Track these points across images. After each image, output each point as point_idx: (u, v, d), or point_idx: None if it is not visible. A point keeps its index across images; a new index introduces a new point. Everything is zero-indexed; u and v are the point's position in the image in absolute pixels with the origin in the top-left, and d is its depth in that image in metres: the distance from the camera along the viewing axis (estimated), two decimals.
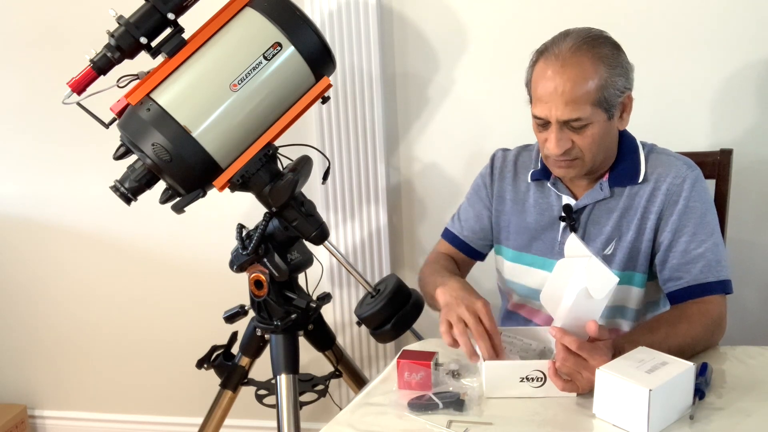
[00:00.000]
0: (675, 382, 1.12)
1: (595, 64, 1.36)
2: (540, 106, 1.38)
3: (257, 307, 1.74)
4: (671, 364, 1.15)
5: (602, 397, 1.16)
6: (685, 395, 1.16)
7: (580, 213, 1.50)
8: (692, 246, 1.41)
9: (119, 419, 2.58)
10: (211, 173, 1.56)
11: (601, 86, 1.36)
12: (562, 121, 1.37)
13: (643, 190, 1.46)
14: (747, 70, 1.88)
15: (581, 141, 1.39)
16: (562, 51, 1.36)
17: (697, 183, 1.44)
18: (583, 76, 1.35)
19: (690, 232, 1.41)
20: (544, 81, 1.37)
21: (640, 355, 1.19)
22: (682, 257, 1.41)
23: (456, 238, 1.70)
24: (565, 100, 1.34)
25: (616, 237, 1.47)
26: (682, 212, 1.42)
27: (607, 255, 1.48)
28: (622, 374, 1.13)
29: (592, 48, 1.37)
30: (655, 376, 1.12)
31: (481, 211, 1.66)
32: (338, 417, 1.25)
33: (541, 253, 1.55)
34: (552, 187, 1.53)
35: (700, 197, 1.43)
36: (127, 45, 1.52)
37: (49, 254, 2.47)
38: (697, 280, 1.39)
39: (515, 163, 1.61)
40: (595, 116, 1.37)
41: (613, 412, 1.15)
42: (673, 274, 1.42)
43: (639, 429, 1.11)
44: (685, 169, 1.45)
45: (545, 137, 1.41)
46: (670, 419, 1.13)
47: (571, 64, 1.35)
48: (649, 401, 1.09)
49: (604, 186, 1.47)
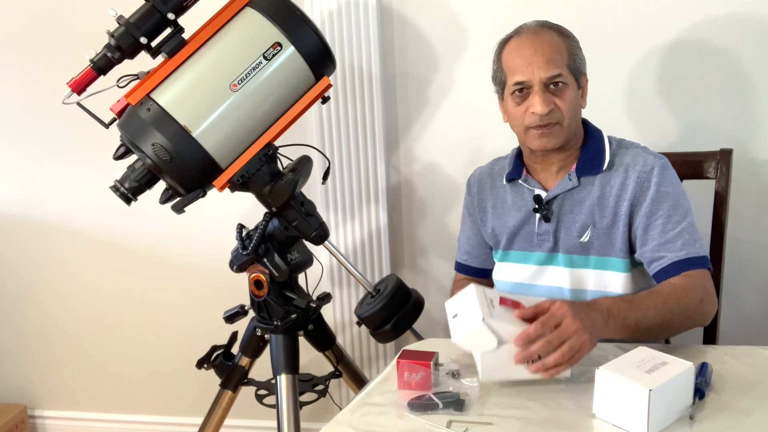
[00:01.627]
0: (675, 382, 1.12)
1: (561, 37, 1.50)
2: (520, 71, 1.47)
3: (257, 307, 1.74)
4: (671, 364, 1.15)
5: (602, 397, 1.16)
6: (685, 395, 1.16)
7: (552, 204, 1.55)
8: (669, 227, 1.46)
9: (119, 419, 2.59)
10: (211, 173, 1.56)
11: (570, 54, 1.49)
12: (545, 79, 1.45)
13: (614, 179, 1.51)
14: (747, 69, 1.88)
15: (561, 102, 1.47)
16: (531, 28, 1.51)
17: (666, 169, 1.50)
18: (555, 43, 1.48)
19: (665, 214, 1.46)
20: (520, 49, 1.48)
21: (640, 355, 1.19)
22: (661, 237, 1.45)
23: (465, 266, 1.75)
24: (546, 59, 1.45)
25: (590, 224, 1.52)
26: (654, 197, 1.47)
27: (584, 242, 1.53)
28: (622, 374, 1.13)
29: (553, 28, 1.52)
30: (655, 376, 1.12)
31: (473, 231, 1.72)
32: (338, 417, 1.25)
33: (522, 247, 1.61)
34: (524, 183, 1.59)
35: (671, 182, 1.49)
36: (127, 45, 1.52)
37: (49, 254, 2.47)
38: (679, 257, 1.43)
39: (490, 174, 1.69)
40: (569, 79, 1.48)
41: (613, 412, 1.15)
42: (654, 255, 1.46)
43: (639, 429, 1.11)
44: (653, 158, 1.50)
45: (525, 107, 1.48)
46: (670, 419, 1.13)
47: (543, 34, 1.49)
48: (649, 401, 1.09)
49: (572, 176, 1.53)
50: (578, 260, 1.54)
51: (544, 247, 1.57)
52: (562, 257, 1.56)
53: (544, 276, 1.58)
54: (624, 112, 1.96)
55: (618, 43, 1.91)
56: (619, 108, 1.96)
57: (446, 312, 1.28)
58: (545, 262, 1.57)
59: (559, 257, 1.56)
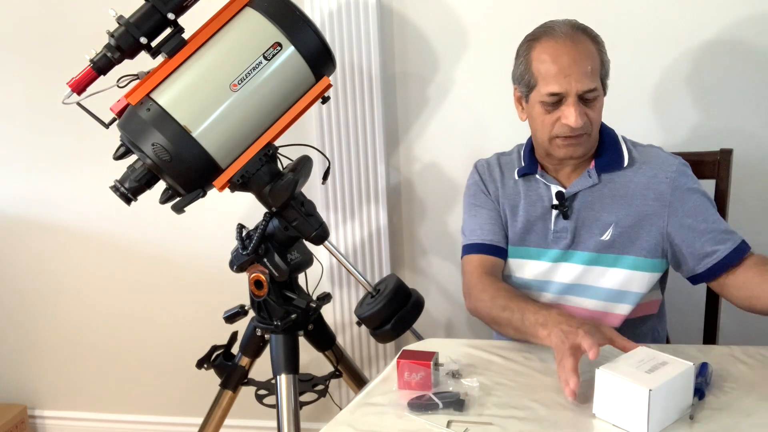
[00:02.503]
0: (675, 382, 1.12)
1: (593, 43, 1.47)
2: (556, 81, 1.42)
3: (257, 307, 1.74)
4: (671, 364, 1.15)
5: (602, 397, 1.16)
6: (684, 395, 1.16)
7: (572, 201, 1.54)
8: (711, 222, 1.48)
9: (119, 419, 2.58)
10: (211, 173, 1.56)
11: (601, 61, 1.47)
12: (581, 92, 1.42)
13: (637, 177, 1.51)
14: (747, 69, 1.88)
15: (592, 114, 1.46)
16: (566, 31, 1.45)
17: (687, 167, 1.53)
18: (590, 51, 1.45)
19: (702, 210, 1.48)
20: (557, 57, 1.43)
21: (640, 355, 1.19)
22: (709, 234, 1.47)
23: (482, 245, 1.60)
24: (584, 72, 1.42)
25: (613, 222, 1.51)
26: (688, 197, 1.48)
27: (605, 240, 1.52)
28: (622, 374, 1.13)
29: (585, 31, 1.48)
30: (655, 376, 1.12)
31: (489, 213, 1.62)
32: (338, 417, 1.25)
33: (536, 244, 1.58)
34: (541, 179, 1.57)
35: (694, 179, 1.52)
36: (127, 45, 1.52)
37: (48, 254, 2.47)
38: (735, 243, 1.46)
39: (499, 165, 1.65)
40: (600, 89, 1.47)
41: (612, 412, 1.15)
42: (704, 250, 1.46)
43: (639, 429, 1.11)
44: (672, 158, 1.52)
45: (556, 117, 1.45)
46: (670, 419, 1.13)
47: (578, 41, 1.44)
48: (649, 401, 1.09)
49: (591, 173, 1.53)
50: (597, 258, 1.53)
51: (560, 244, 1.55)
52: (579, 254, 1.54)
53: (558, 273, 1.56)
54: (624, 113, 1.96)
55: (618, 42, 1.91)
56: (619, 108, 1.96)
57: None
58: (560, 259, 1.55)
59: (576, 254, 1.54)
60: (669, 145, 1.78)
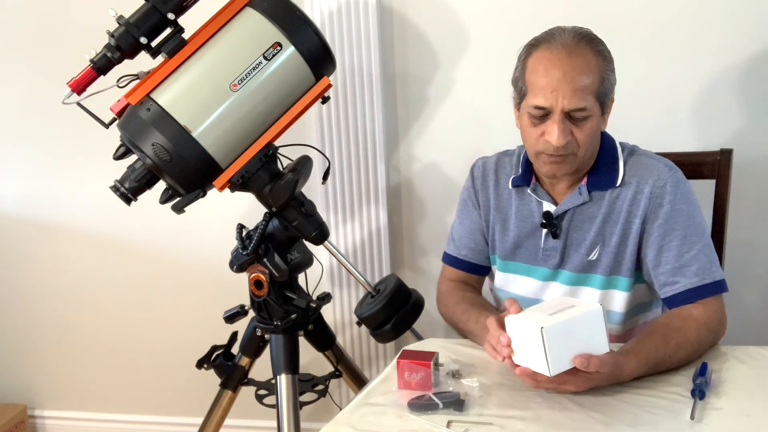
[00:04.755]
0: (575, 323, 1.16)
1: (596, 57, 1.37)
2: (543, 95, 1.35)
3: (257, 307, 1.74)
4: (578, 307, 1.19)
5: (515, 344, 1.21)
6: (594, 337, 1.18)
7: (561, 219, 1.49)
8: (684, 249, 1.39)
9: (119, 419, 2.58)
10: (211, 173, 1.56)
11: (601, 79, 1.37)
12: (567, 111, 1.34)
13: (624, 194, 1.44)
14: (747, 69, 1.88)
15: (580, 134, 1.37)
16: (566, 41, 1.36)
17: (680, 184, 1.42)
18: (588, 66, 1.35)
19: (680, 235, 1.40)
20: (548, 69, 1.35)
21: (554, 303, 1.23)
22: (676, 261, 1.39)
23: (456, 260, 1.65)
24: (573, 88, 1.33)
25: (599, 242, 1.46)
26: (668, 215, 1.40)
27: (592, 260, 1.47)
28: (524, 317, 1.19)
29: (590, 42, 1.38)
30: (555, 317, 1.16)
31: (471, 226, 1.63)
32: (338, 417, 1.25)
33: (526, 260, 1.55)
34: (532, 194, 1.51)
35: (686, 198, 1.42)
36: (127, 45, 1.52)
37: (49, 254, 2.47)
38: (694, 284, 1.38)
39: (496, 170, 1.59)
40: (594, 109, 1.37)
41: (525, 357, 1.20)
42: (668, 279, 1.40)
43: (542, 368, 1.15)
44: (666, 171, 1.43)
45: (541, 131, 1.38)
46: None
47: (576, 54, 1.35)
48: (543, 339, 1.12)
49: (582, 190, 1.46)
50: (583, 278, 1.49)
51: (549, 263, 1.51)
52: (566, 274, 1.50)
53: (547, 292, 1.53)
54: (624, 113, 1.96)
55: (618, 42, 1.91)
56: (619, 108, 1.96)
57: None
58: (549, 278, 1.52)
59: (564, 274, 1.50)
60: (669, 145, 1.78)
